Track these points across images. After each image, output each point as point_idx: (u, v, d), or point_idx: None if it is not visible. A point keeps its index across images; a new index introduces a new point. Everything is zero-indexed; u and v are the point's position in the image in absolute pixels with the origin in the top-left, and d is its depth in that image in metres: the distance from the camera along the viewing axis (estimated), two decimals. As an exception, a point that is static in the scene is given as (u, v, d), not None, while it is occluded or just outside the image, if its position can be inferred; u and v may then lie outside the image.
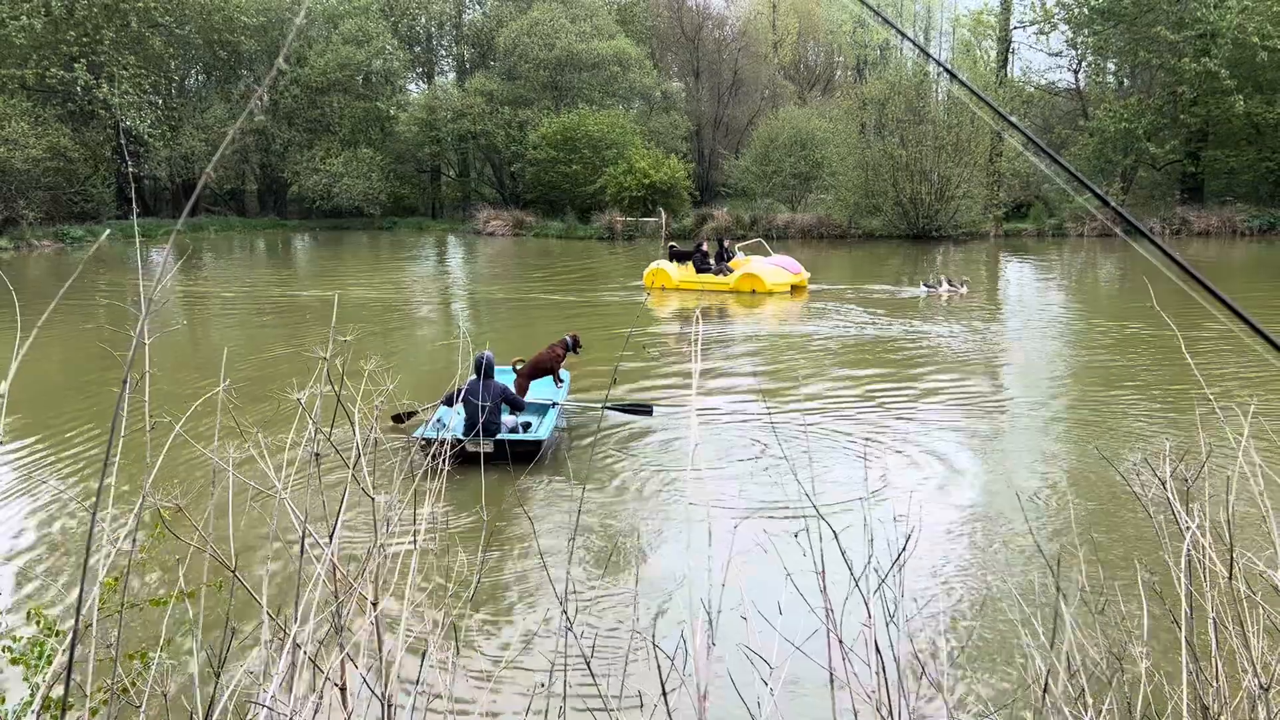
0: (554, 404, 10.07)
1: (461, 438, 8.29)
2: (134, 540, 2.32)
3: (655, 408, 10.29)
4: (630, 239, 38.11)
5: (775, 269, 21.55)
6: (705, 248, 22.96)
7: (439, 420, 9.31)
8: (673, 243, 25.26)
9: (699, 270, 22.25)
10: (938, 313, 18.18)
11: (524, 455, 8.57)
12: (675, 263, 22.46)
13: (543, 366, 10.85)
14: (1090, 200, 39.86)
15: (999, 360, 14.45)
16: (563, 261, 31.14)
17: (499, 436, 8.69)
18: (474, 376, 9.02)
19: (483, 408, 8.48)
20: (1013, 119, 1.33)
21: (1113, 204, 1.23)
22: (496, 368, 10.42)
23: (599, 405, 10.43)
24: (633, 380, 12.41)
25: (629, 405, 10.31)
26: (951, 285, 20.52)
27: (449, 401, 9.16)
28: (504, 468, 8.70)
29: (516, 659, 5.17)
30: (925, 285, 21.11)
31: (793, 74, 58.25)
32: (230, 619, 2.59)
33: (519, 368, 10.78)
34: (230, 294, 23.98)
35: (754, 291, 21.07)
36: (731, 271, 21.83)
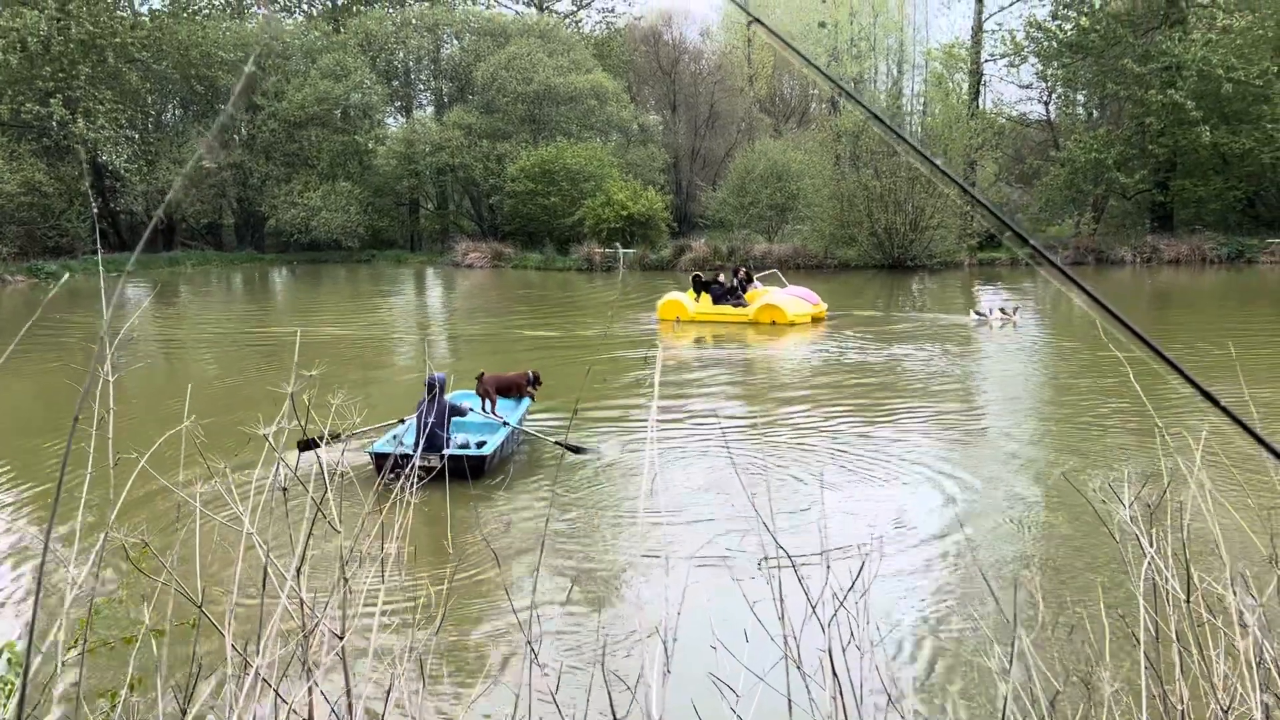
0: (505, 423, 10.49)
1: (410, 452, 8.68)
2: (96, 577, 2.33)
3: (630, 438, 10.42)
4: (609, 270, 38.23)
5: (794, 300, 21.12)
6: (721, 278, 22.45)
7: (394, 437, 9.79)
8: (697, 272, 24.47)
9: (716, 301, 21.75)
10: (921, 338, 18.31)
11: (473, 471, 9.02)
12: (696, 293, 21.94)
13: (510, 384, 11.49)
14: (1061, 231, 40.46)
15: (969, 384, 14.57)
16: (542, 293, 31.21)
17: (447, 452, 9.10)
18: (425, 396, 9.51)
19: (447, 438, 8.88)
20: (937, 160, 1.39)
21: (1031, 240, 1.29)
22: (465, 393, 11.22)
23: (549, 439, 10.79)
24: (607, 409, 12.44)
25: (570, 444, 10.56)
26: (1004, 313, 20.32)
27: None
28: (471, 501, 8.70)
29: (483, 690, 5.15)
30: (976, 313, 20.95)
31: (768, 107, 58.97)
32: (198, 654, 2.59)
33: (483, 376, 11.30)
34: (204, 329, 23.87)
35: (774, 322, 20.58)
36: (749, 303, 21.40)
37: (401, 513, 2.81)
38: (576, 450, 10.35)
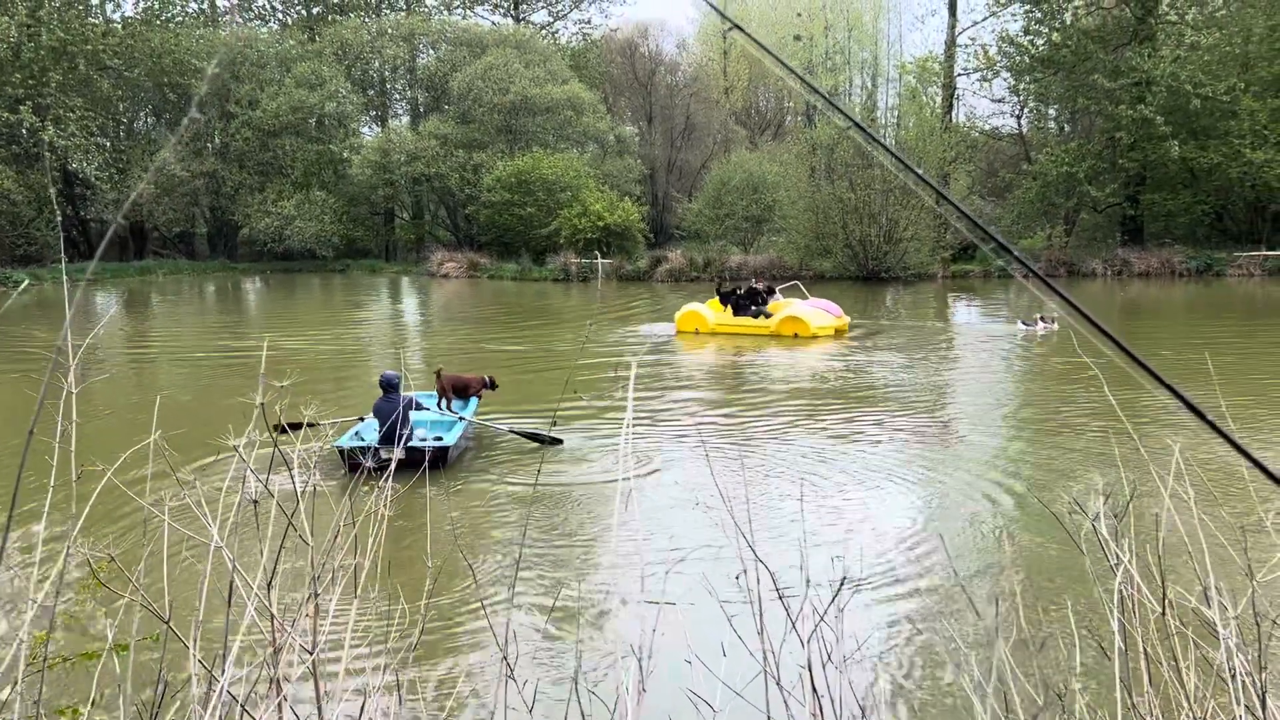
0: (461, 418, 11.31)
1: (376, 445, 9.57)
2: (57, 592, 2.27)
3: (612, 447, 10.53)
4: (585, 280, 38.23)
5: (817, 312, 20.88)
6: (757, 284, 22.19)
7: (356, 433, 10.50)
8: (723, 284, 23.75)
9: (737, 313, 21.52)
10: (897, 349, 18.40)
11: (435, 462, 9.71)
12: (723, 304, 21.67)
13: (463, 385, 12.23)
14: (1040, 240, 40.85)
15: (943, 397, 14.64)
16: (518, 304, 31.11)
17: (411, 444, 9.64)
18: (381, 395, 10.30)
19: (409, 431, 9.60)
20: (918, 170, 1.38)
21: (1015, 251, 1.28)
22: (423, 394, 12.18)
23: (504, 429, 11.74)
24: (587, 419, 12.40)
25: (537, 434, 11.44)
26: (1045, 322, 20.18)
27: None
28: (448, 514, 8.64)
29: (459, 706, 5.10)
30: (1024, 323, 20.82)
31: (744, 119, 59.20)
32: (164, 671, 2.53)
33: (441, 373, 12.18)
34: (174, 340, 23.62)
35: (796, 335, 20.32)
36: (770, 315, 21.15)
37: (376, 526, 2.77)
38: (547, 441, 11.13)
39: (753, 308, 21.65)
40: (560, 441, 11.25)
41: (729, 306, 21.74)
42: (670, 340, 20.90)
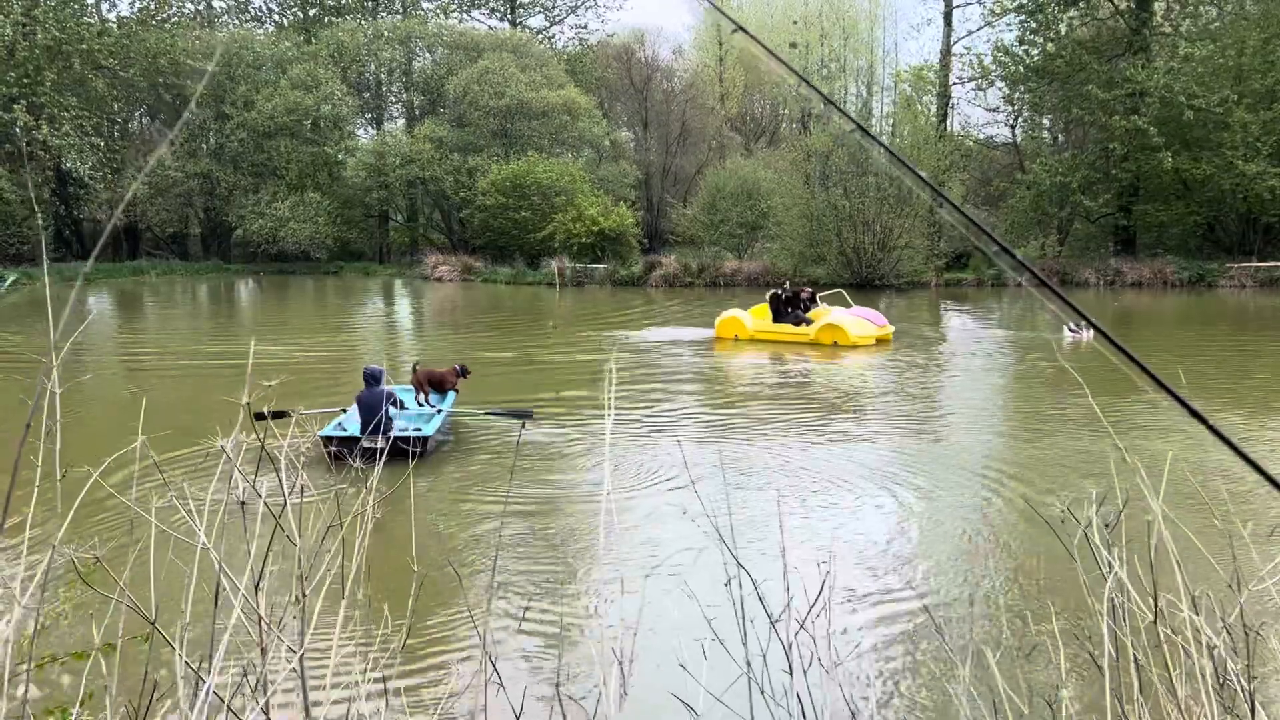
0: (439, 410, 11.76)
1: (355, 435, 10.02)
2: (42, 593, 2.26)
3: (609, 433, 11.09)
4: (579, 285, 38.23)
5: (859, 320, 20.52)
6: (800, 294, 21.90)
7: (339, 424, 10.83)
8: (775, 290, 22.95)
9: (777, 320, 21.25)
10: (888, 355, 18.42)
11: (415, 451, 9.83)
12: (773, 313, 21.38)
13: (438, 379, 12.74)
14: (1025, 246, 40.98)
15: (933, 404, 14.65)
16: (511, 308, 31.07)
17: (392, 434, 9.95)
18: (365, 387, 10.63)
19: (388, 421, 9.83)
20: (922, 174, 1.37)
21: (1017, 255, 1.28)
22: (399, 388, 12.54)
23: (480, 412, 12.10)
24: (573, 422, 12.39)
25: (508, 410, 12.02)
26: (1086, 330, 20.01)
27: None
28: (430, 517, 8.62)
29: (446, 710, 5.07)
30: (1070, 330, 20.56)
31: (739, 125, 59.32)
32: (151, 672, 2.51)
33: (418, 368, 12.75)
34: (165, 341, 23.54)
35: (835, 344, 19.97)
36: (811, 322, 20.80)
37: (362, 528, 2.75)
38: (519, 415, 11.68)
39: (794, 314, 21.35)
40: (530, 414, 11.81)
41: (772, 312, 21.46)
42: (708, 346, 20.70)
